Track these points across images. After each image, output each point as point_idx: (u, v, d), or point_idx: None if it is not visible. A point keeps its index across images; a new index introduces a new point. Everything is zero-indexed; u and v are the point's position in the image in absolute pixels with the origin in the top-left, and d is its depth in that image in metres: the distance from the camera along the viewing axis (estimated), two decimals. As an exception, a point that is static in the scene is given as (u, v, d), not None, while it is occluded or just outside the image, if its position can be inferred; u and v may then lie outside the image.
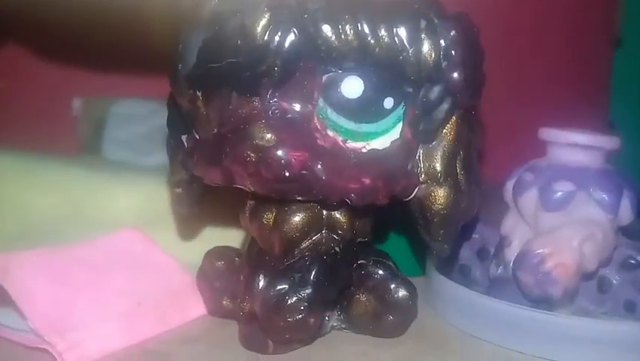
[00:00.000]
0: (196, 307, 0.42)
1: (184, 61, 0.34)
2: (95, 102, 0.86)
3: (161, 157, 0.75)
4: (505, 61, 0.77)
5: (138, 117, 0.82)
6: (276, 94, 0.32)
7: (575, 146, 0.40)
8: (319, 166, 0.32)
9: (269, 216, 0.37)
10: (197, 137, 0.36)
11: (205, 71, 0.33)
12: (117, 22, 0.70)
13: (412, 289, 0.37)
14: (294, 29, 0.31)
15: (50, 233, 0.52)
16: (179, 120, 0.38)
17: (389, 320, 0.37)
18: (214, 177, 0.34)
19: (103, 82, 0.85)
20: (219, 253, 0.41)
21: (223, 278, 0.40)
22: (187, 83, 0.34)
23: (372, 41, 0.31)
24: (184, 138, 0.38)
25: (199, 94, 0.34)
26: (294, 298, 0.34)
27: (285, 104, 0.32)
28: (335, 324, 0.38)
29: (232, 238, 0.48)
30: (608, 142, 0.41)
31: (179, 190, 0.41)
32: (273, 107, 0.32)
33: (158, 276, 0.43)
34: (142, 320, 0.39)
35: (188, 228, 0.53)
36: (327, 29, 0.31)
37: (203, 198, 0.42)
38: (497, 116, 0.44)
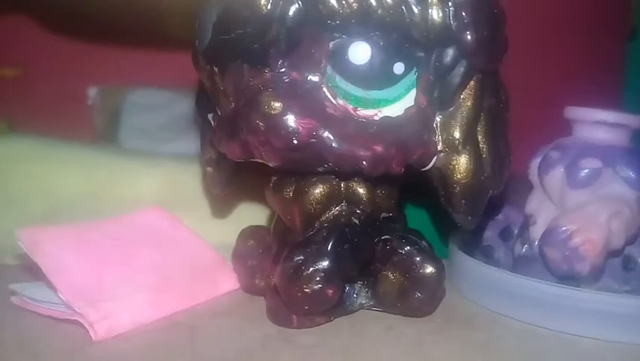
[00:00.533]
0: (225, 283, 0.45)
1: (201, 37, 0.37)
2: (112, 91, 0.92)
3: (177, 146, 0.82)
4: (522, 50, 0.81)
5: (155, 106, 0.88)
6: (285, 63, 0.34)
7: (601, 124, 0.42)
8: (328, 134, 0.34)
9: (289, 190, 0.39)
10: (219, 113, 0.39)
11: (219, 45, 0.36)
12: (134, 10, 0.76)
13: (439, 265, 0.38)
14: None
15: (73, 214, 0.57)
16: (205, 98, 0.40)
17: (416, 297, 0.38)
18: (234, 151, 0.37)
19: (119, 70, 0.92)
20: (251, 232, 0.44)
21: (255, 256, 0.43)
22: (204, 59, 0.37)
23: (375, 5, 0.32)
24: (210, 116, 0.40)
25: (216, 69, 0.37)
26: (310, 269, 0.36)
27: (294, 73, 0.34)
28: (363, 302, 0.40)
29: (260, 217, 0.52)
30: (634, 120, 0.42)
31: (210, 169, 0.44)
32: (283, 77, 0.34)
33: (186, 252, 0.46)
34: (170, 293, 0.42)
35: (210, 210, 0.57)
36: None
37: (234, 178, 0.45)
38: (520, 94, 0.47)
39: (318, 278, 0.36)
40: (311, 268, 0.36)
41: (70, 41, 0.98)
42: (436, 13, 0.33)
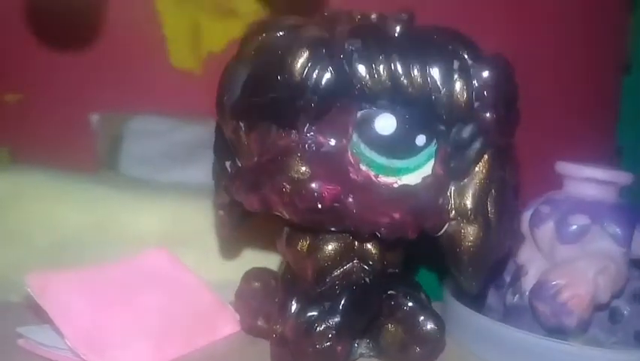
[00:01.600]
0: (226, 326, 0.43)
1: (229, 93, 0.35)
2: (112, 118, 0.86)
3: (178, 174, 0.77)
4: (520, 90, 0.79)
5: (155, 133, 0.83)
6: (313, 128, 0.33)
7: (590, 180, 0.42)
8: (351, 200, 0.33)
9: (303, 244, 0.37)
10: (239, 164, 0.37)
11: (247, 104, 0.34)
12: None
13: (440, 322, 0.37)
14: (331, 68, 0.32)
15: (77, 249, 0.54)
16: (224, 147, 0.39)
17: (417, 352, 0.37)
18: (253, 203, 0.35)
19: (120, 98, 0.86)
20: (256, 274, 0.42)
21: (259, 298, 0.41)
22: (231, 114, 0.36)
23: (405, 81, 0.31)
24: (227, 164, 0.39)
25: (242, 125, 0.35)
26: (323, 326, 0.35)
27: (320, 138, 0.33)
28: (364, 352, 0.39)
29: (262, 257, 0.49)
30: (622, 177, 0.42)
31: (221, 212, 0.42)
32: (309, 141, 0.33)
33: (188, 296, 0.44)
34: (172, 338, 0.40)
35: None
36: (361, 69, 0.31)
37: (243, 222, 0.43)
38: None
39: (330, 335, 0.35)
40: (323, 326, 0.35)
41: (72, 67, 0.91)
42: (460, 93, 0.32)
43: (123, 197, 0.59)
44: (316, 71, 0.32)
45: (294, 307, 0.37)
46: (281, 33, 0.33)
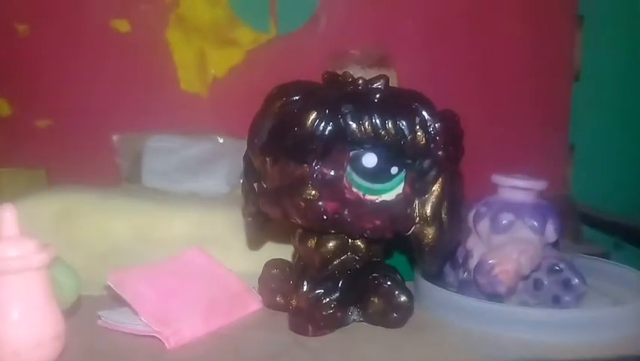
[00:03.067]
0: (252, 304, 0.56)
1: (258, 137, 0.48)
2: (133, 137, 0.98)
3: (192, 185, 0.90)
4: (480, 95, 0.95)
5: (171, 150, 0.95)
6: (319, 163, 0.46)
7: (515, 187, 0.55)
8: (346, 212, 0.46)
9: (312, 242, 0.51)
10: (264, 186, 0.50)
11: (273, 145, 0.47)
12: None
13: (410, 295, 0.51)
14: (331, 123, 0.45)
15: (125, 253, 0.66)
16: (252, 172, 0.51)
17: (394, 317, 0.50)
18: (276, 214, 0.49)
19: (138, 119, 0.98)
20: (274, 263, 0.56)
21: (277, 281, 0.54)
22: (260, 151, 0.49)
23: (382, 132, 0.45)
24: (255, 185, 0.51)
25: (267, 159, 0.48)
26: (327, 299, 0.49)
27: (324, 170, 0.46)
28: (355, 318, 0.52)
29: (274, 254, 0.61)
30: (539, 185, 0.55)
31: (249, 219, 0.55)
32: (317, 172, 0.46)
33: (221, 282, 0.57)
34: (214, 314, 0.52)
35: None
36: (352, 124, 0.45)
37: (266, 226, 0.56)
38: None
39: (332, 305, 0.49)
40: (327, 299, 0.49)
41: (95, 94, 1.02)
42: (420, 139, 0.45)
43: (157, 208, 0.72)
44: (322, 125, 0.45)
45: (305, 286, 0.50)
46: (297, 97, 0.47)
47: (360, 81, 0.47)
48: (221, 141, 0.97)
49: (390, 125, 0.45)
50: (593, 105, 1.08)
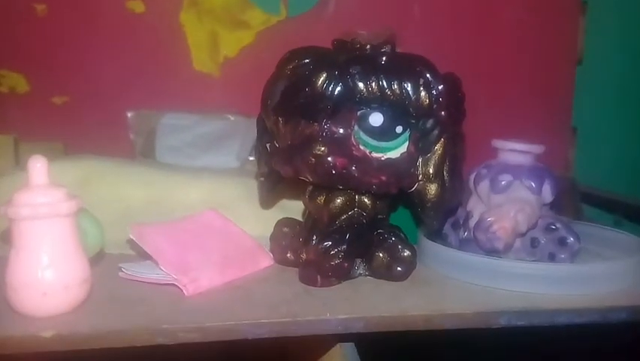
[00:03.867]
0: (264, 260, 0.60)
1: (271, 98, 0.52)
2: (146, 115, 1.02)
3: (203, 161, 0.93)
4: (486, 79, 0.98)
5: (183, 127, 0.99)
6: (328, 122, 0.50)
7: (513, 150, 0.58)
8: (354, 168, 0.50)
9: (321, 198, 0.54)
10: (277, 145, 0.53)
11: (285, 105, 0.51)
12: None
13: (413, 250, 0.54)
14: (340, 83, 0.49)
15: (141, 218, 0.69)
16: (264, 133, 0.55)
17: (398, 270, 0.54)
18: (287, 171, 0.52)
19: (152, 97, 1.02)
20: (285, 222, 0.59)
21: (287, 239, 0.58)
22: (273, 112, 0.52)
23: (388, 92, 0.48)
24: (268, 145, 0.55)
25: (280, 119, 0.52)
26: (335, 250, 0.52)
27: (333, 128, 0.50)
28: (361, 272, 0.55)
29: (284, 214, 0.65)
30: (536, 148, 0.59)
31: (262, 179, 0.59)
32: (326, 130, 0.50)
33: (235, 240, 0.61)
34: (230, 267, 0.56)
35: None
36: (360, 85, 0.48)
37: (277, 185, 0.59)
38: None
39: (340, 256, 0.53)
40: (335, 250, 0.53)
41: (110, 73, 1.06)
42: (424, 99, 0.49)
43: (171, 176, 0.75)
44: (331, 85, 0.49)
45: (314, 240, 0.54)
46: (307, 60, 0.50)
47: (368, 46, 0.51)
48: (232, 119, 1.01)
49: (395, 86, 0.48)
50: (595, 90, 1.11)
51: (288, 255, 0.58)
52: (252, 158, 0.93)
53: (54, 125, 1.01)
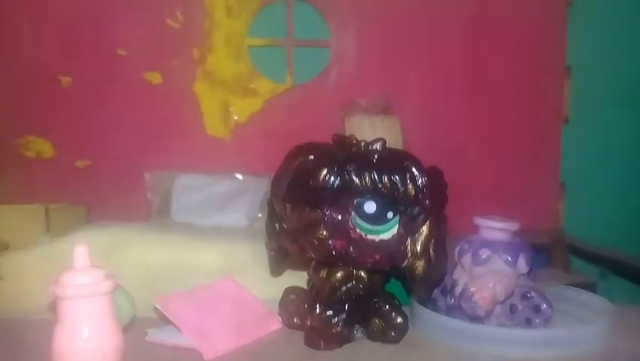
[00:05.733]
0: (274, 324, 0.68)
1: (280, 187, 0.61)
2: (163, 175, 1.12)
3: (216, 219, 1.02)
4: (479, 135, 1.08)
5: (197, 187, 1.08)
6: (329, 209, 0.58)
7: (491, 228, 0.67)
8: (351, 249, 0.58)
9: (323, 272, 0.63)
10: (285, 226, 0.62)
11: (292, 194, 0.60)
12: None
13: (406, 316, 0.63)
14: (339, 177, 0.58)
15: (163, 280, 0.79)
16: (274, 215, 0.64)
17: (391, 335, 0.62)
18: (294, 249, 0.61)
19: (168, 160, 1.12)
20: (292, 290, 0.68)
21: (294, 305, 0.66)
22: (281, 199, 0.61)
23: (380, 185, 0.57)
24: (277, 225, 0.64)
25: (288, 205, 0.60)
26: (335, 319, 0.61)
27: (333, 215, 0.58)
28: (359, 335, 0.64)
29: (292, 282, 0.73)
30: (512, 225, 0.67)
31: (272, 253, 0.67)
32: (327, 216, 0.58)
33: (248, 306, 0.69)
34: (243, 331, 0.65)
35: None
36: (356, 179, 0.57)
37: (285, 259, 0.68)
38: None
39: (340, 324, 0.61)
40: (336, 318, 0.61)
41: (129, 138, 1.17)
42: (410, 190, 0.57)
43: (189, 241, 0.84)
44: (331, 179, 0.58)
45: (317, 309, 0.62)
46: (311, 157, 0.60)
47: (363, 143, 0.61)
48: (241, 178, 1.10)
49: (386, 180, 0.57)
50: (581, 147, 1.21)
51: (295, 320, 0.66)
52: (260, 215, 1.02)
53: (77, 187, 1.11)
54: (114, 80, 1.13)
